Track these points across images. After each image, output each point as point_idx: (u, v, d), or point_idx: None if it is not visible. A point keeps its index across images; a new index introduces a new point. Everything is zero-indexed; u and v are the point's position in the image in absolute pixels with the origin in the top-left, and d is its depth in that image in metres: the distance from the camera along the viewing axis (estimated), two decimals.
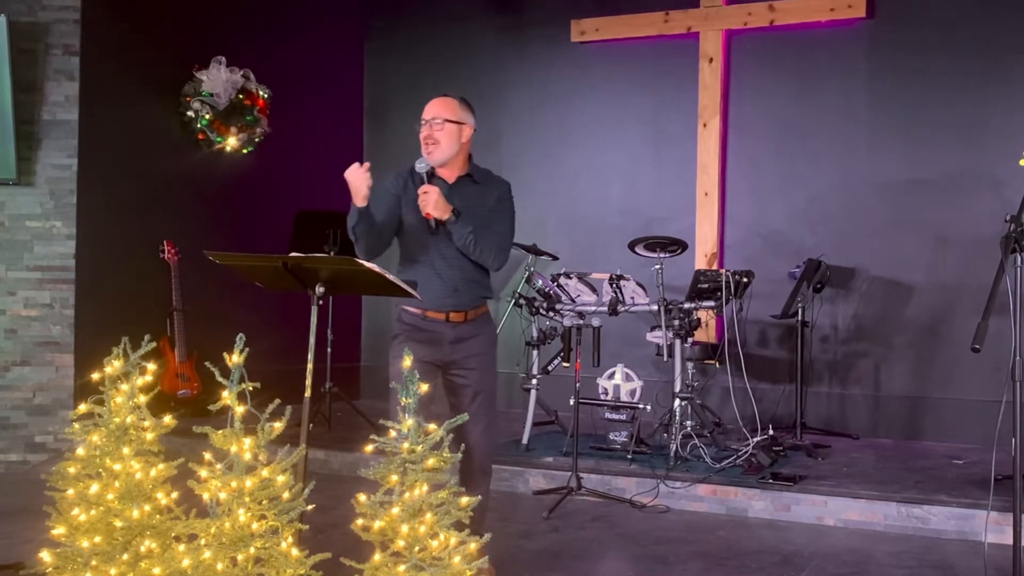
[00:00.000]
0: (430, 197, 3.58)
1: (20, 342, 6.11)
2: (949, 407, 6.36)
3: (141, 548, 2.85)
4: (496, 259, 3.73)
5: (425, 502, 2.54)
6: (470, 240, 3.64)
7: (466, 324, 3.74)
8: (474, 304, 3.77)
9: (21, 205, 6.12)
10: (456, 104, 3.73)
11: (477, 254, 3.68)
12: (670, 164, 7.22)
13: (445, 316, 3.70)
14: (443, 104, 3.72)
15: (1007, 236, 3.49)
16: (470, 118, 3.76)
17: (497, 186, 3.83)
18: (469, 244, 3.64)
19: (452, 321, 3.71)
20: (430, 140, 3.68)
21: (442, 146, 3.68)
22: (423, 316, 3.71)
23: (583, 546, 4.51)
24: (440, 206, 3.59)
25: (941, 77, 6.48)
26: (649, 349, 6.30)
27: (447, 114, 3.69)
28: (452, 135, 3.69)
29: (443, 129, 3.67)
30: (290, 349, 5.57)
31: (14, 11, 6.02)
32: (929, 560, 4.32)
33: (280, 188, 7.29)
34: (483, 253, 3.68)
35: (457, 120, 3.70)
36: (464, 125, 3.72)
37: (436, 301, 3.68)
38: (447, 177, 3.74)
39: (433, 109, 3.71)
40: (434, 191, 3.59)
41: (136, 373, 2.95)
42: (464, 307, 3.73)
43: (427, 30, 8.01)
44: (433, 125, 3.68)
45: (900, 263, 6.58)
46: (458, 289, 3.70)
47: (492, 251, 3.70)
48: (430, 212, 3.59)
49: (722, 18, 6.98)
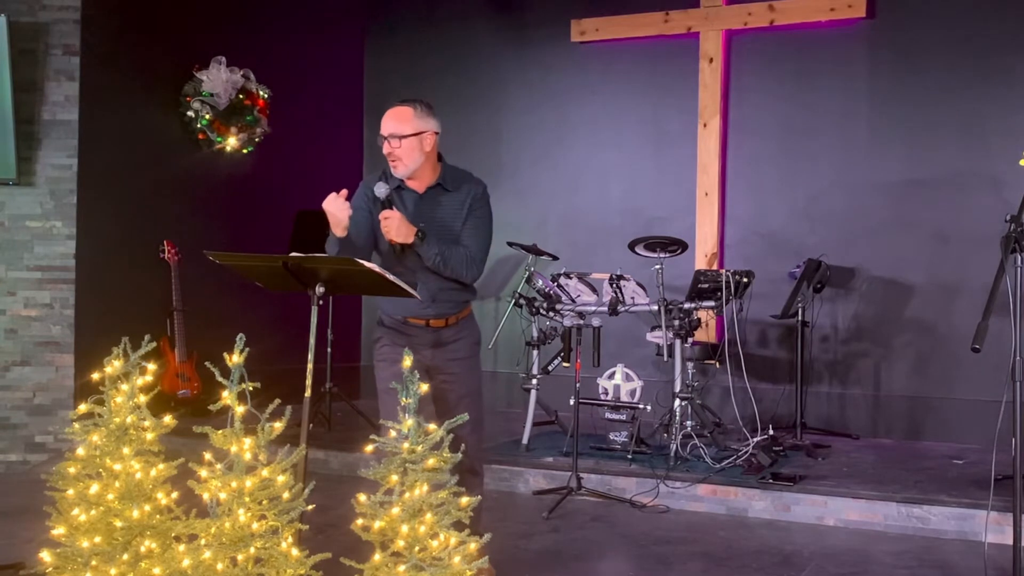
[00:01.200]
0: (391, 223, 3.45)
1: (20, 342, 6.11)
2: (949, 407, 6.36)
3: (141, 548, 2.85)
4: (469, 273, 3.61)
5: (425, 502, 2.54)
6: (439, 261, 3.52)
7: (447, 328, 3.68)
8: (455, 310, 3.70)
9: (21, 205, 6.12)
10: (411, 113, 3.55)
11: (448, 272, 3.57)
12: (670, 164, 7.22)
13: (425, 322, 3.66)
14: (398, 117, 3.55)
15: (1007, 236, 3.49)
16: (431, 123, 3.58)
17: (471, 189, 3.66)
18: (439, 264, 3.53)
19: (433, 326, 3.66)
20: (391, 157, 3.55)
21: (404, 161, 3.54)
22: (403, 320, 3.66)
23: (583, 546, 4.51)
24: (402, 232, 3.46)
25: (941, 77, 6.49)
26: (649, 349, 6.30)
27: (402, 129, 3.53)
28: (412, 149, 3.53)
29: (401, 145, 3.52)
30: (290, 349, 5.58)
31: (14, 11, 6.02)
32: (929, 560, 4.32)
33: (280, 188, 7.29)
34: (454, 271, 3.57)
35: (414, 132, 3.53)
36: (424, 134, 3.55)
37: (415, 310, 3.61)
38: (417, 187, 3.62)
39: (389, 125, 3.55)
40: (395, 217, 3.46)
41: (136, 373, 2.95)
42: (444, 314, 3.67)
43: (427, 30, 8.01)
44: (391, 142, 3.53)
45: (900, 263, 6.58)
46: (436, 299, 3.62)
47: (463, 266, 3.58)
48: (393, 239, 3.48)
49: (722, 18, 6.98)
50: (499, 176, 6.97)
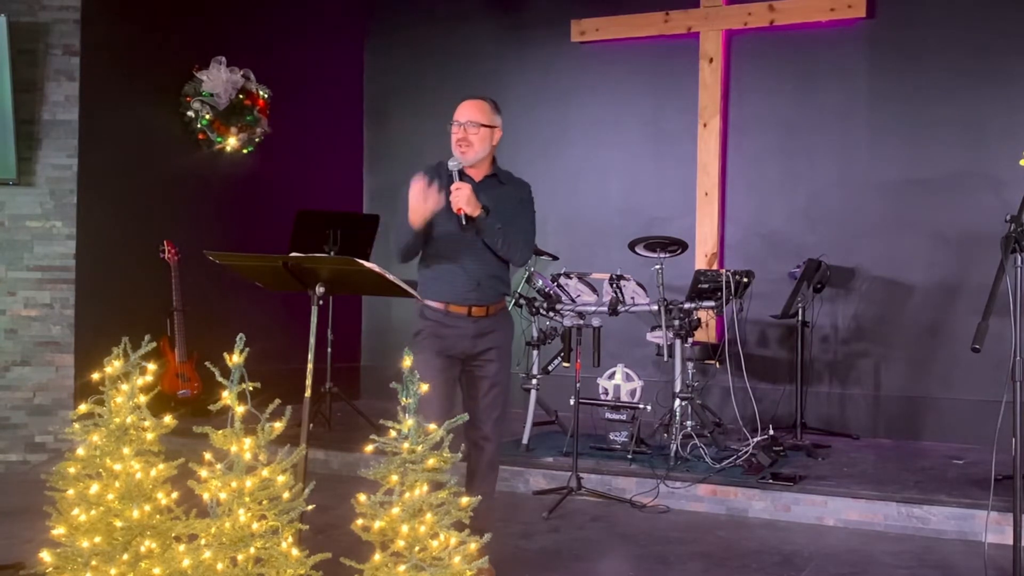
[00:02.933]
0: (463, 193, 3.67)
1: (20, 342, 6.11)
2: (949, 407, 6.36)
3: (141, 548, 2.85)
4: (522, 254, 3.88)
5: (425, 502, 2.54)
6: (500, 236, 3.77)
7: (487, 319, 3.86)
8: (495, 299, 3.89)
9: (21, 205, 6.11)
10: (489, 108, 3.85)
11: (505, 249, 3.81)
12: (670, 164, 7.22)
13: (467, 311, 3.81)
14: (477, 107, 3.82)
15: (1007, 236, 3.49)
16: (500, 121, 3.89)
17: (519, 186, 3.97)
18: (499, 239, 3.77)
19: (474, 316, 3.82)
20: (464, 142, 3.79)
21: (475, 148, 3.79)
22: (445, 311, 3.81)
23: (583, 546, 4.51)
24: (472, 202, 3.69)
25: (941, 77, 6.49)
26: (649, 349, 6.30)
27: (481, 118, 3.80)
28: (484, 138, 3.81)
29: (477, 133, 3.78)
30: (290, 349, 5.58)
31: (14, 11, 6.02)
32: (929, 560, 4.32)
33: (280, 188, 7.29)
34: (511, 248, 3.82)
35: (490, 124, 3.82)
36: (495, 128, 3.86)
37: (459, 295, 3.80)
38: (474, 176, 3.85)
39: (467, 112, 3.81)
40: (466, 188, 3.69)
41: (136, 373, 2.95)
42: (485, 302, 3.85)
43: (427, 30, 8.01)
44: (468, 128, 3.78)
45: (900, 263, 6.58)
46: (480, 284, 3.81)
47: (519, 246, 3.85)
48: (462, 207, 3.68)
49: (722, 18, 6.98)
50: None
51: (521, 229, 3.88)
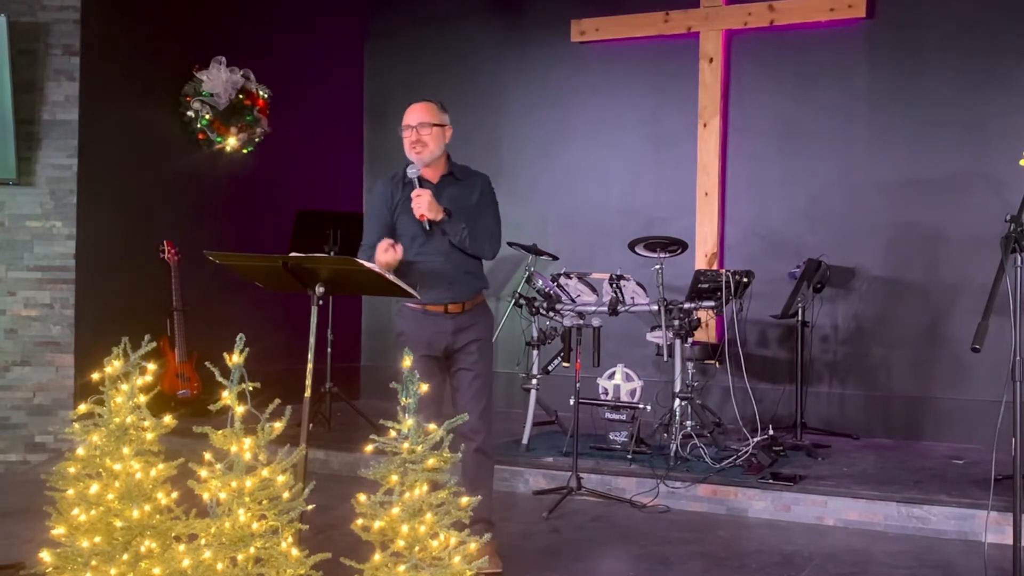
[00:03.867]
0: (423, 200, 3.81)
1: (20, 342, 6.11)
2: (949, 407, 6.36)
3: (141, 548, 2.85)
4: (491, 248, 3.99)
5: (425, 502, 2.54)
6: (465, 235, 3.88)
7: (464, 314, 3.97)
8: (470, 295, 3.99)
9: (21, 205, 6.11)
10: (436, 107, 3.98)
11: (474, 247, 3.92)
12: (670, 164, 7.22)
13: (444, 308, 3.93)
14: (426, 109, 3.95)
15: (1007, 236, 3.49)
16: (448, 119, 4.01)
17: (477, 180, 4.06)
18: (465, 238, 3.88)
19: (451, 312, 3.93)
20: (418, 144, 3.90)
21: (430, 147, 3.91)
22: (423, 311, 3.93)
23: (583, 546, 4.51)
24: (433, 207, 3.82)
25: (941, 77, 6.48)
26: (649, 349, 6.30)
27: (431, 118, 3.92)
28: (437, 137, 3.93)
29: (430, 132, 3.91)
30: (290, 349, 5.58)
31: (14, 11, 6.02)
32: (929, 560, 4.32)
33: (280, 188, 7.29)
34: (479, 245, 3.93)
35: (440, 123, 3.95)
36: (446, 127, 3.98)
37: (434, 295, 3.90)
38: (431, 178, 3.97)
39: (417, 114, 3.93)
40: (426, 194, 3.82)
41: (136, 373, 2.95)
42: (461, 299, 3.96)
43: (427, 30, 8.01)
44: (420, 130, 3.90)
45: (900, 263, 6.58)
46: (454, 283, 3.93)
47: (486, 242, 3.96)
48: (424, 214, 3.82)
49: (722, 18, 6.98)
50: (499, 176, 6.90)
51: (485, 224, 3.97)
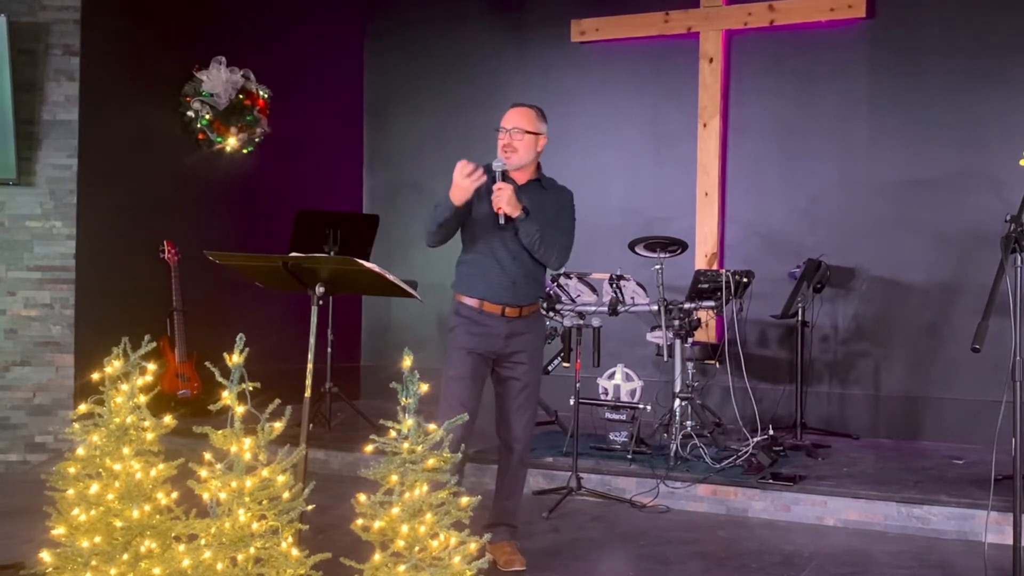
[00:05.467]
0: (504, 194, 3.78)
1: (20, 342, 6.11)
2: (949, 407, 6.36)
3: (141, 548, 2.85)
4: (559, 258, 3.98)
5: (425, 502, 2.54)
6: (537, 237, 3.86)
7: (520, 320, 3.95)
8: (529, 301, 3.99)
9: (21, 205, 6.11)
10: (534, 115, 3.95)
11: (542, 252, 3.91)
12: (670, 164, 7.22)
13: (501, 310, 3.91)
14: (523, 115, 3.93)
15: (1007, 236, 3.49)
16: (545, 128, 3.99)
17: (561, 193, 4.08)
18: (536, 241, 3.87)
19: (507, 316, 3.92)
20: (509, 148, 3.90)
21: (520, 154, 3.91)
22: (480, 310, 3.91)
23: (583, 546, 4.51)
24: (512, 203, 3.80)
25: (941, 77, 6.48)
26: (649, 349, 6.30)
27: (526, 125, 3.91)
28: (529, 145, 3.92)
29: (522, 139, 3.90)
30: (290, 349, 5.57)
31: (14, 11, 6.02)
32: (929, 560, 4.32)
33: (280, 188, 7.29)
34: (547, 251, 3.92)
35: (535, 131, 3.93)
36: (540, 136, 3.96)
37: (495, 293, 3.90)
38: (518, 179, 3.95)
39: (513, 119, 3.93)
40: (508, 188, 3.80)
41: (136, 373, 2.95)
42: (520, 302, 3.94)
43: (427, 30, 8.01)
44: (513, 134, 3.90)
45: (900, 263, 6.58)
46: (516, 283, 3.92)
47: (555, 249, 3.94)
48: (502, 207, 3.79)
49: (722, 18, 6.98)
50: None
51: (559, 233, 3.96)
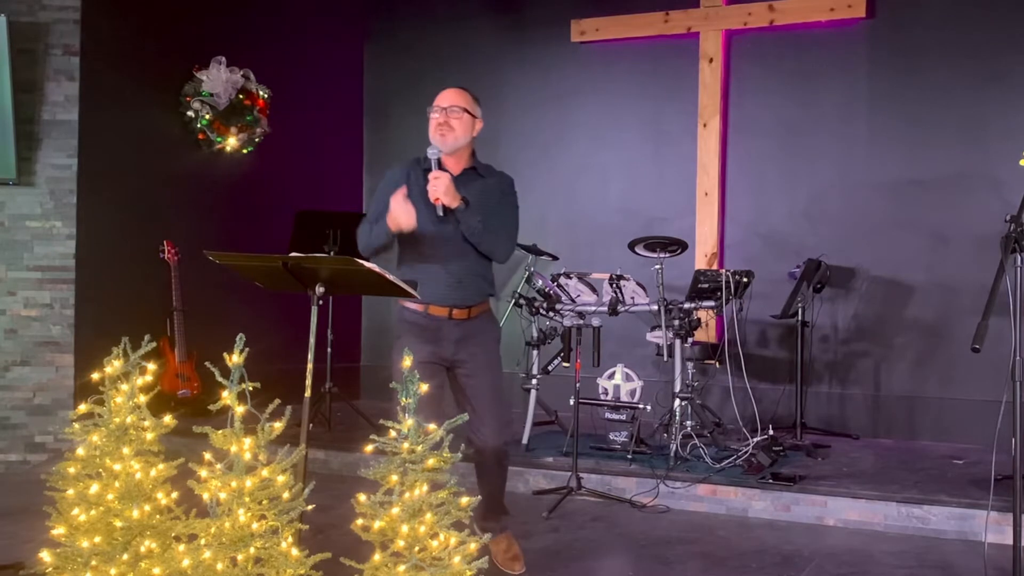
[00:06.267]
0: (441, 183, 3.57)
1: (20, 342, 6.11)
2: (949, 407, 6.36)
3: (141, 548, 2.85)
4: (504, 249, 3.76)
5: (425, 502, 2.54)
6: (479, 228, 3.63)
7: (469, 321, 3.74)
8: (478, 300, 3.77)
9: (21, 205, 6.11)
10: (470, 97, 3.79)
11: (487, 244, 3.68)
12: (670, 164, 7.22)
13: (448, 312, 3.70)
14: (460, 95, 3.76)
15: (1007, 236, 3.49)
16: (480, 113, 3.81)
17: (501, 180, 3.85)
18: (479, 233, 3.64)
19: (455, 318, 3.70)
20: (445, 127, 3.69)
21: (456, 133, 3.70)
22: (425, 313, 3.70)
23: (583, 546, 4.51)
24: (450, 192, 3.58)
25: (941, 77, 6.49)
26: (649, 349, 6.30)
27: (464, 104, 3.73)
28: (466, 125, 3.72)
29: (460, 118, 3.71)
30: (290, 349, 5.57)
31: (14, 11, 6.01)
32: (929, 560, 4.32)
33: (280, 188, 7.29)
34: (492, 243, 3.70)
35: (472, 112, 3.75)
36: (476, 119, 3.78)
37: (439, 294, 3.68)
38: (452, 169, 3.73)
39: (451, 97, 3.74)
40: (445, 177, 3.59)
41: (136, 373, 2.95)
42: (468, 302, 3.73)
43: (427, 30, 8.01)
44: (450, 113, 3.70)
45: (900, 263, 6.58)
46: (462, 282, 3.70)
47: (501, 241, 3.72)
48: (440, 198, 3.57)
49: (722, 18, 6.98)
50: None
51: (503, 223, 3.74)
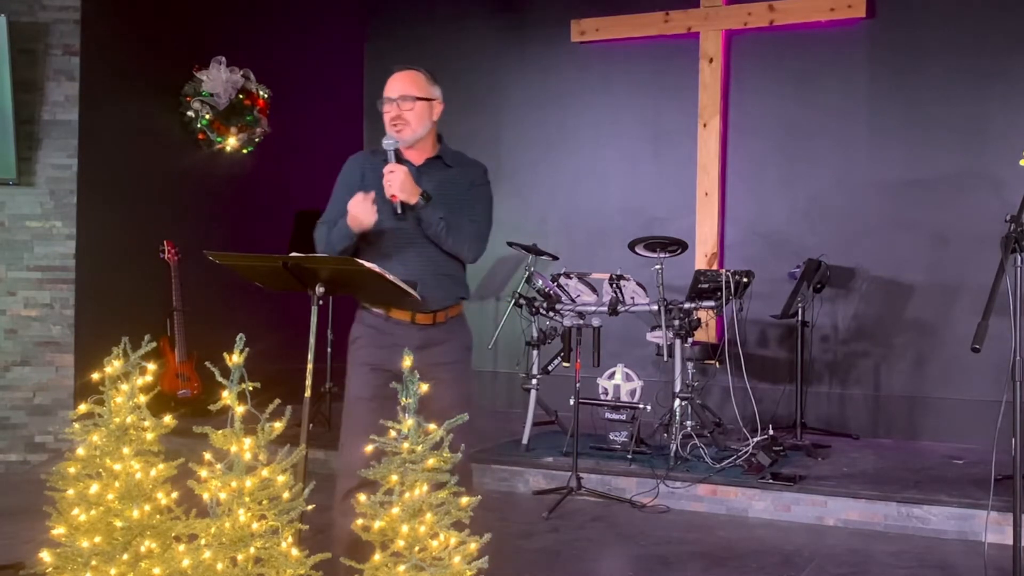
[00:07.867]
0: (396, 177, 3.16)
1: (20, 342, 6.11)
2: (949, 407, 6.36)
3: (141, 548, 2.85)
4: (472, 249, 3.31)
5: (425, 502, 2.54)
6: (441, 227, 3.22)
7: (435, 327, 3.30)
8: (445, 304, 3.32)
9: (21, 205, 6.12)
10: (423, 78, 3.32)
11: (450, 243, 3.26)
12: (670, 164, 7.22)
13: (411, 317, 3.28)
14: (409, 79, 3.30)
15: (1007, 236, 3.49)
16: (438, 92, 3.35)
17: (471, 169, 3.40)
18: (441, 231, 3.23)
19: (419, 323, 3.28)
20: (399, 121, 3.26)
21: (412, 126, 3.27)
22: (386, 317, 3.29)
23: (583, 546, 4.51)
24: (407, 187, 3.17)
25: (941, 77, 6.49)
26: (649, 349, 6.30)
27: (415, 91, 3.27)
28: (423, 114, 3.28)
29: (412, 108, 3.26)
30: (290, 349, 5.57)
31: (14, 11, 6.02)
32: (929, 560, 4.32)
33: (280, 188, 7.29)
34: (457, 241, 3.26)
35: (427, 97, 3.29)
36: (434, 101, 3.32)
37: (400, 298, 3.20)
38: (414, 160, 3.33)
39: (399, 86, 3.28)
40: (401, 170, 3.18)
41: (136, 373, 2.94)
42: (433, 306, 3.28)
43: (427, 30, 8.01)
44: (401, 104, 3.26)
45: (900, 263, 6.58)
46: (426, 283, 3.21)
47: (467, 240, 3.28)
48: (396, 194, 3.18)
49: (722, 18, 6.98)
50: (499, 176, 6.90)
51: (471, 219, 3.29)
